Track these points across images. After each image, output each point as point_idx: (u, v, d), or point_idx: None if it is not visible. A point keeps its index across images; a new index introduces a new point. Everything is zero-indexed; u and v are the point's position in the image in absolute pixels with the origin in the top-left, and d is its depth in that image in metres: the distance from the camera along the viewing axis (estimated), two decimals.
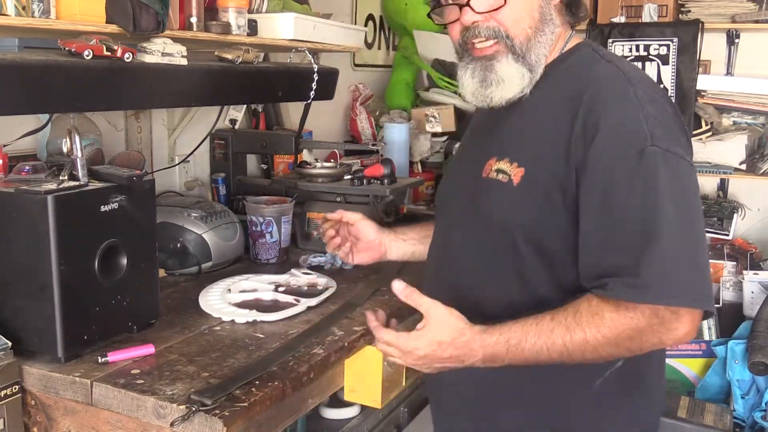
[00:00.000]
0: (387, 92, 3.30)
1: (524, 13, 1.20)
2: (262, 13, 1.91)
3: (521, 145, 1.22)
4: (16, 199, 1.25)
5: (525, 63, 1.21)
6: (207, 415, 1.11)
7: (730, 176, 3.17)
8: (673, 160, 1.10)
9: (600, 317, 1.09)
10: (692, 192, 1.12)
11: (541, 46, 1.22)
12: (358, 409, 1.85)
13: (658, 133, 1.10)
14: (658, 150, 1.09)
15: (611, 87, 1.16)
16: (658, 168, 1.08)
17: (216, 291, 1.65)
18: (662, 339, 1.09)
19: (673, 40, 3.06)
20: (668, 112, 1.16)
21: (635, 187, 1.09)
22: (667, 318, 1.07)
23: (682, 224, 1.09)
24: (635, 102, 1.13)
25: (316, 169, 2.16)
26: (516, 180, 1.19)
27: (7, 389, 1.22)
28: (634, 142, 1.10)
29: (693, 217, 1.11)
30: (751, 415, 2.68)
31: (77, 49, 1.39)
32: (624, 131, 1.11)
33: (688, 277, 1.08)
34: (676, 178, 1.10)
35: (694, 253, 1.09)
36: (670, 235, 1.07)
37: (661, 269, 1.06)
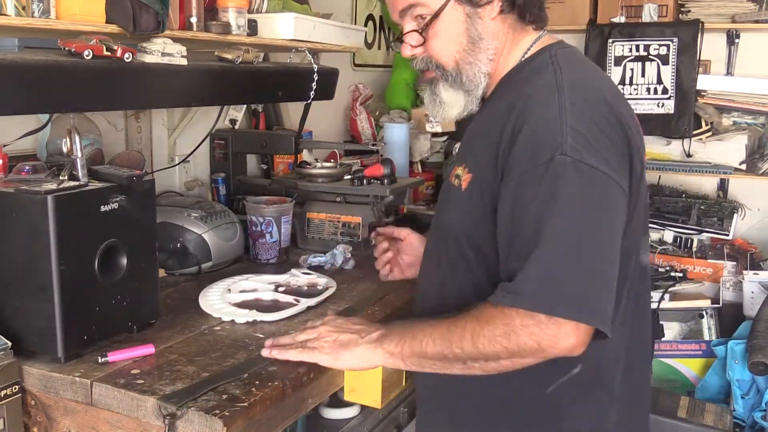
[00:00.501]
0: (387, 92, 3.30)
1: (448, 42, 1.25)
2: (262, 13, 1.91)
3: (471, 151, 1.26)
4: (16, 199, 1.25)
5: (460, 87, 1.27)
6: (207, 415, 1.11)
7: (730, 176, 3.17)
8: (585, 170, 1.08)
9: (481, 311, 1.12)
10: (600, 204, 1.10)
11: (474, 67, 1.26)
12: (358, 409, 1.85)
13: (570, 143, 1.09)
14: (568, 159, 1.07)
15: (539, 95, 1.16)
16: (562, 177, 1.07)
17: (216, 291, 1.65)
18: (541, 345, 1.07)
19: (673, 40, 3.06)
20: (598, 124, 1.13)
21: (537, 194, 1.08)
22: (543, 321, 1.05)
23: (579, 235, 1.07)
24: (556, 111, 1.12)
25: (316, 169, 2.16)
26: (464, 185, 1.23)
27: (7, 389, 1.22)
28: (544, 151, 1.09)
29: (594, 230, 1.08)
30: (751, 415, 2.68)
31: (77, 49, 1.39)
32: (537, 139, 1.11)
33: (572, 288, 1.06)
34: (582, 189, 1.08)
35: (587, 264, 1.07)
36: (561, 243, 1.06)
37: (538, 276, 1.06)
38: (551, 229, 1.06)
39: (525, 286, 1.07)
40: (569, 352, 1.07)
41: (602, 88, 1.21)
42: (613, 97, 1.21)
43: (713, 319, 3.05)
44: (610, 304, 1.08)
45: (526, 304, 1.06)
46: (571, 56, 1.27)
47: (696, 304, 3.07)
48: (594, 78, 1.24)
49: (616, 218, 1.11)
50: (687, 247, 3.23)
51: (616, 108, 1.18)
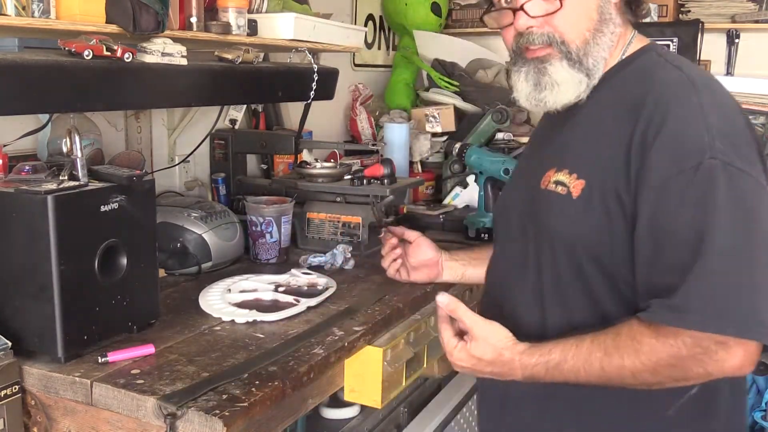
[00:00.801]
0: (387, 92, 3.30)
1: (582, 15, 1.15)
2: (262, 13, 1.91)
3: (581, 155, 1.16)
4: (16, 199, 1.25)
5: (581, 68, 1.17)
6: (207, 415, 1.11)
7: None
8: (735, 174, 1.02)
9: (638, 342, 1.03)
10: (756, 210, 1.03)
11: (599, 49, 1.17)
12: (358, 409, 1.85)
13: (719, 146, 1.02)
14: (718, 163, 1.01)
15: (674, 93, 1.09)
16: (715, 182, 1.01)
17: (216, 291, 1.65)
18: (708, 370, 1.01)
19: (673, 40, 3.05)
20: (737, 124, 1.08)
21: (688, 201, 1.01)
22: (711, 348, 0.99)
23: (740, 243, 1.00)
24: (698, 110, 1.06)
25: (316, 169, 2.16)
26: (575, 192, 1.13)
27: (7, 389, 1.22)
28: (691, 154, 1.02)
29: (754, 237, 1.01)
30: (751, 415, 2.68)
31: (77, 49, 1.39)
32: (682, 141, 1.04)
33: (739, 303, 0.99)
34: (736, 194, 1.01)
35: (750, 276, 1.00)
36: (722, 254, 0.99)
37: (706, 292, 0.99)
38: (710, 240, 0.99)
39: (691, 302, 0.99)
40: (738, 372, 1.02)
41: (724, 87, 1.15)
42: (737, 103, 1.15)
43: None
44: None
45: (695, 324, 0.99)
46: (677, 56, 1.20)
47: None
48: (711, 77, 1.18)
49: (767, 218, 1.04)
50: None
51: (740, 107, 1.13)
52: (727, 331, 0.98)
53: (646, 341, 1.03)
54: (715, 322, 0.98)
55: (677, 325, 1.00)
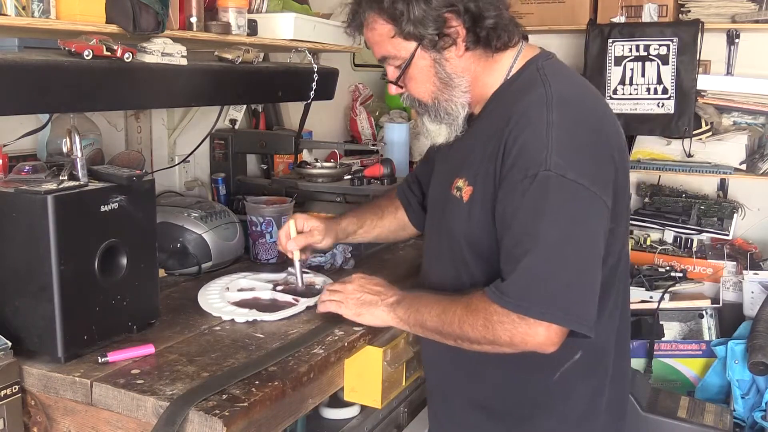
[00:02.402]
0: (387, 92, 3.30)
1: (423, 84, 1.36)
2: (262, 13, 1.91)
3: (470, 165, 1.34)
4: (16, 199, 1.25)
5: (440, 119, 1.38)
6: (207, 415, 1.11)
7: (730, 176, 3.17)
8: (567, 185, 1.18)
9: (472, 300, 1.27)
10: (580, 216, 1.20)
11: (450, 102, 1.36)
12: (358, 409, 1.85)
13: (555, 159, 1.18)
14: (552, 174, 1.18)
15: (529, 111, 1.25)
16: (546, 192, 1.18)
17: (214, 290, 1.65)
18: (513, 340, 1.21)
19: (673, 40, 3.05)
20: (578, 137, 1.23)
21: (524, 205, 1.20)
22: (516, 321, 1.20)
23: (560, 245, 1.18)
24: (543, 127, 1.21)
25: (316, 169, 2.16)
26: (465, 197, 1.33)
27: (7, 389, 1.22)
28: (530, 166, 1.20)
29: (575, 240, 1.20)
30: (751, 415, 2.68)
31: (77, 49, 1.39)
32: (525, 155, 1.21)
33: (546, 292, 1.18)
34: (563, 202, 1.19)
35: (567, 272, 1.19)
36: (543, 253, 1.18)
37: (523, 280, 1.19)
38: (535, 239, 1.19)
39: (510, 288, 1.20)
40: (540, 349, 1.21)
41: (588, 103, 1.32)
42: (598, 111, 1.32)
43: (713, 319, 3.05)
44: (590, 307, 1.20)
45: (507, 304, 1.20)
46: (557, 68, 1.35)
47: (696, 304, 3.06)
48: (580, 92, 1.34)
49: (596, 228, 1.22)
50: (687, 247, 3.23)
51: (599, 122, 1.29)
52: (529, 313, 1.19)
53: (476, 300, 1.26)
54: (521, 305, 1.19)
55: (495, 301, 1.22)
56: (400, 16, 1.28)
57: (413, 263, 1.56)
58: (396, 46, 1.32)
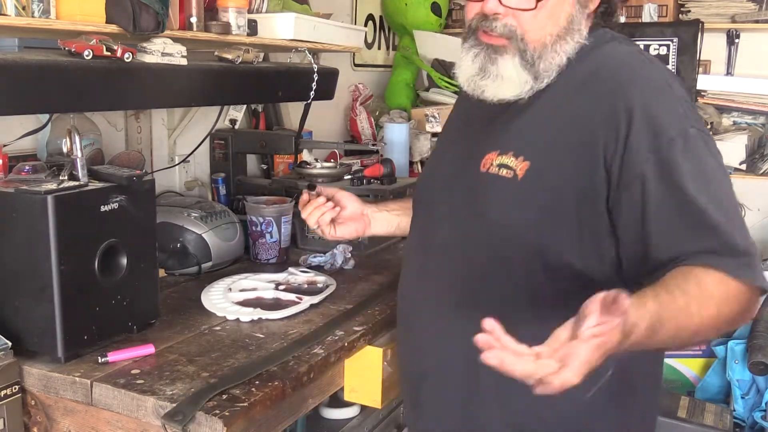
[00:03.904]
0: (387, 92, 3.30)
1: (550, 20, 1.13)
2: (262, 13, 1.91)
3: (529, 139, 1.14)
4: (16, 199, 1.25)
5: (531, 70, 1.14)
6: (207, 415, 1.11)
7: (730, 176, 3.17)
8: (708, 138, 1.10)
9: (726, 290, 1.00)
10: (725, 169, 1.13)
11: (556, 56, 1.14)
12: (358, 409, 1.85)
13: (692, 114, 1.10)
14: (696, 130, 1.08)
15: (633, 68, 1.12)
16: (703, 148, 1.08)
17: (217, 290, 1.65)
18: (744, 317, 1.05)
19: (673, 40, 3.05)
20: (686, 92, 1.16)
21: (695, 169, 1.05)
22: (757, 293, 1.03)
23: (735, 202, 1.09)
24: (662, 82, 1.10)
25: (316, 169, 2.16)
26: (521, 174, 1.11)
27: (7, 389, 1.22)
28: (674, 124, 1.06)
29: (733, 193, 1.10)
30: (751, 415, 2.68)
31: (77, 49, 1.39)
32: (661, 114, 1.07)
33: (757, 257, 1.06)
34: (715, 156, 1.10)
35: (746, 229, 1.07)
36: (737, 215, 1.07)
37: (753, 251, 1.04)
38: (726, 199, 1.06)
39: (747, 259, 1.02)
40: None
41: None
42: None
43: None
44: None
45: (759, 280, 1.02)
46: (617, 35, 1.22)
47: None
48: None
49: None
50: None
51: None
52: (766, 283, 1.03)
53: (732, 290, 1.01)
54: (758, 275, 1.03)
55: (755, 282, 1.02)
56: None
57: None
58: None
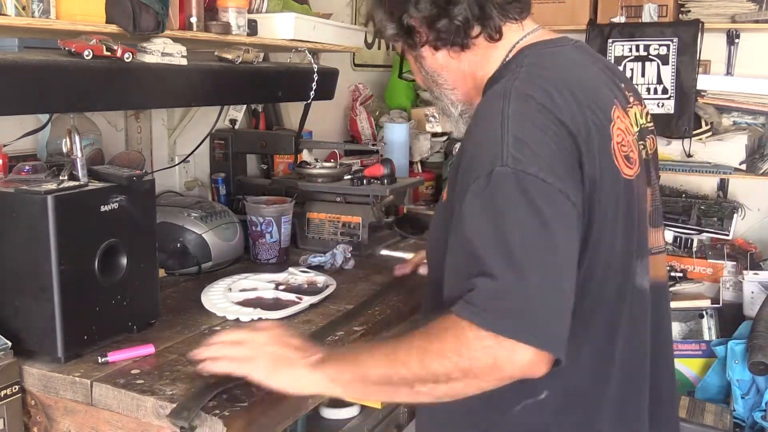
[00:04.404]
0: (387, 92, 3.30)
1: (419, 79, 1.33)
2: (262, 13, 1.91)
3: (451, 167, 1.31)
4: (16, 199, 1.25)
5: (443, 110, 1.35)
6: (207, 415, 1.11)
7: (730, 176, 3.17)
8: (529, 180, 0.99)
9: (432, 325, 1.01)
10: (551, 216, 0.99)
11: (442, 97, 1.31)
12: (358, 409, 1.85)
13: (512, 153, 1.01)
14: (509, 170, 1.00)
15: (487, 104, 1.12)
16: (505, 189, 1.00)
17: (217, 290, 1.65)
18: (497, 363, 0.95)
19: (673, 40, 3.06)
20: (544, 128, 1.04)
21: (481, 208, 1.01)
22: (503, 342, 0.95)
23: (532, 251, 0.98)
24: (498, 120, 1.05)
25: (316, 169, 2.16)
26: (444, 199, 1.23)
27: (7, 389, 1.22)
28: (485, 162, 1.02)
29: (548, 245, 0.99)
30: (751, 415, 2.68)
31: (77, 49, 1.39)
32: (479, 151, 1.06)
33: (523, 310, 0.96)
34: (528, 200, 0.99)
35: (541, 283, 0.97)
36: (512, 258, 0.97)
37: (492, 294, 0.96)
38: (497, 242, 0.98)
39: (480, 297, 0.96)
40: (529, 373, 0.96)
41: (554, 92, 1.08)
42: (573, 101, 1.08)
43: (713, 319, 3.05)
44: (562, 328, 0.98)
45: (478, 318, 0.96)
46: (545, 55, 1.18)
47: (696, 304, 3.07)
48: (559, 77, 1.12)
49: (564, 232, 1.01)
50: (687, 247, 3.23)
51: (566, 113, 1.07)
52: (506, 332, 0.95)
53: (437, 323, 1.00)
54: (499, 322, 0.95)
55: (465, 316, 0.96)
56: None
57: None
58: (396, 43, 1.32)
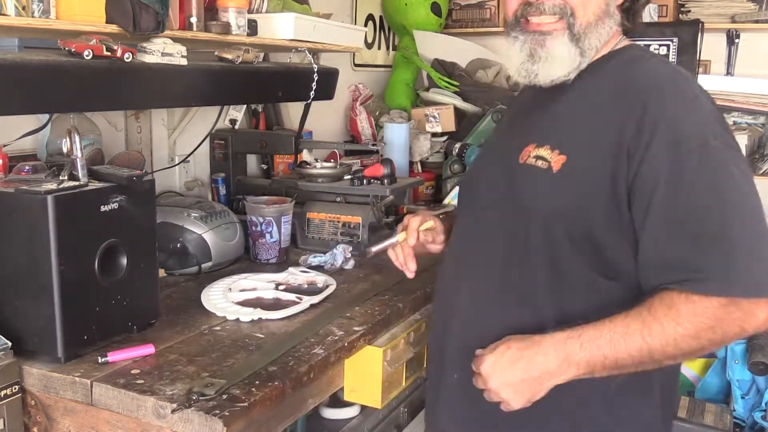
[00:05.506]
0: (387, 92, 3.30)
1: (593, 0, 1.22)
2: (262, 13, 1.91)
3: (564, 133, 1.21)
4: (16, 199, 1.25)
5: (579, 46, 1.22)
6: (207, 415, 1.11)
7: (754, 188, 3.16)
8: (732, 153, 1.12)
9: (676, 309, 1.07)
10: (751, 182, 1.12)
11: (598, 36, 1.23)
12: (358, 409, 1.85)
13: (718, 129, 1.12)
14: (720, 144, 1.10)
15: (667, 83, 1.17)
16: (723, 161, 1.10)
17: (217, 290, 1.65)
18: (744, 327, 1.07)
19: (673, 40, 3.05)
20: (717, 109, 1.18)
21: (700, 182, 1.08)
22: (745, 307, 1.05)
23: (753, 215, 1.09)
24: (692, 98, 1.15)
25: (316, 169, 2.16)
26: (556, 167, 1.17)
27: (7, 389, 1.22)
28: (696, 137, 1.10)
29: (759, 207, 1.11)
30: (751, 415, 2.67)
31: (77, 49, 1.39)
32: (685, 127, 1.11)
33: (763, 267, 1.07)
34: (737, 171, 1.10)
35: (763, 241, 1.08)
36: (740, 227, 1.07)
37: (735, 262, 1.05)
38: (728, 215, 1.07)
39: (727, 273, 1.05)
40: (765, 326, 1.07)
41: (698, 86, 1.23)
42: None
43: None
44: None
45: (737, 290, 1.05)
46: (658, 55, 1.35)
47: None
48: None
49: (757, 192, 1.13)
50: None
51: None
52: (759, 294, 1.05)
53: (683, 307, 1.06)
54: (754, 288, 1.05)
55: (724, 294, 1.05)
56: None
57: (418, 263, 1.49)
58: None
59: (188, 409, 1.12)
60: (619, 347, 1.08)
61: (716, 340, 1.07)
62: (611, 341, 1.09)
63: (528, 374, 1.13)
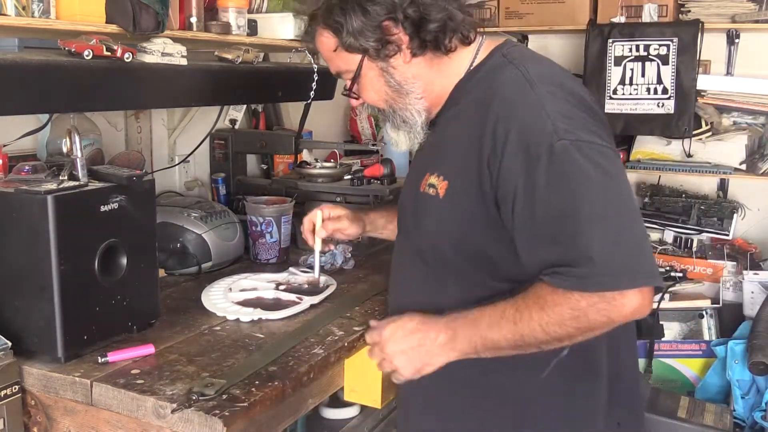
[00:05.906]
0: None
1: (375, 93, 1.33)
2: (262, 13, 1.92)
3: (446, 158, 1.28)
4: (16, 199, 1.25)
5: (398, 127, 1.35)
6: (207, 415, 1.11)
7: (730, 176, 3.16)
8: (585, 146, 1.13)
9: (543, 299, 1.14)
10: (614, 171, 1.15)
11: (406, 109, 1.32)
12: (358, 409, 1.85)
13: (562, 127, 1.13)
14: (566, 141, 1.12)
15: (514, 91, 1.20)
16: (571, 159, 1.12)
17: (218, 290, 1.65)
18: (610, 317, 1.12)
19: (673, 40, 3.05)
20: (571, 103, 1.19)
21: (553, 183, 1.12)
22: (608, 297, 1.10)
23: (611, 206, 1.12)
24: (535, 102, 1.17)
25: (316, 169, 2.16)
26: (441, 193, 1.25)
27: (7, 389, 1.22)
28: (541, 141, 1.13)
29: (621, 196, 1.14)
30: (751, 415, 2.67)
31: (77, 49, 1.39)
32: (530, 132, 1.15)
33: (626, 258, 1.11)
34: (593, 163, 1.12)
35: (629, 231, 1.13)
36: (600, 220, 1.11)
37: (591, 257, 1.09)
38: (586, 210, 1.10)
39: (584, 268, 1.10)
40: (639, 313, 1.12)
41: (564, 79, 1.26)
42: (577, 86, 1.26)
43: (713, 319, 3.04)
44: (653, 259, 1.15)
45: (592, 286, 1.10)
46: (523, 52, 1.31)
47: (696, 304, 3.06)
48: (553, 70, 1.28)
49: (626, 181, 1.17)
50: (687, 247, 3.22)
51: (584, 95, 1.24)
52: (622, 286, 1.10)
53: (549, 297, 1.14)
54: (610, 280, 1.10)
55: (577, 288, 1.11)
56: (341, 28, 1.25)
57: None
58: (344, 59, 1.30)
59: (188, 409, 1.12)
60: (495, 330, 1.18)
61: (583, 328, 1.13)
62: (489, 324, 1.18)
63: (422, 346, 1.23)
